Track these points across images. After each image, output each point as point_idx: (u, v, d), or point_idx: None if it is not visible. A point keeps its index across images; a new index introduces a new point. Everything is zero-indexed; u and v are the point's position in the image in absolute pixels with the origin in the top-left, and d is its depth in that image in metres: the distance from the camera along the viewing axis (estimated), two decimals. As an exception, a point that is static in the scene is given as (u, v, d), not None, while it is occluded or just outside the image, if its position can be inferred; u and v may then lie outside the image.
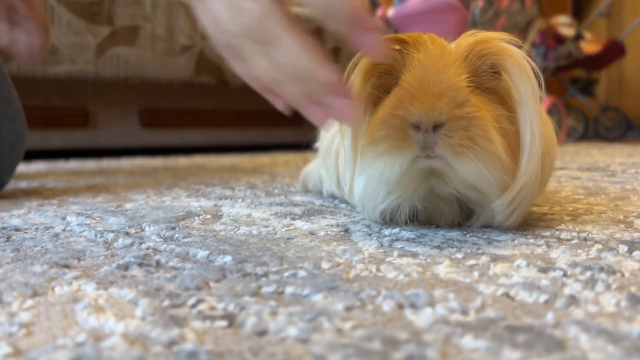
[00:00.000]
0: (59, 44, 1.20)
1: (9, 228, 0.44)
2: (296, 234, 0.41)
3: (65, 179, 0.81)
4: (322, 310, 0.25)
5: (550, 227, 0.43)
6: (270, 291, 0.28)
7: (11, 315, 0.24)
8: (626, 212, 0.50)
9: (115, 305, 0.26)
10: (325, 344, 0.21)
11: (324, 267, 0.32)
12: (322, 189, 0.60)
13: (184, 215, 0.49)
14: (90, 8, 1.24)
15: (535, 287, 0.28)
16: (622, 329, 0.22)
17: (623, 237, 0.39)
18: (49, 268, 0.32)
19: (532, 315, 0.24)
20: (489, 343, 0.21)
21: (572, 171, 0.90)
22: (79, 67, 1.23)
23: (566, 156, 1.28)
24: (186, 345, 0.21)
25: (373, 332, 0.22)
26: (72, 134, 1.29)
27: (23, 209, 0.53)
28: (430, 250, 0.36)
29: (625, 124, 2.52)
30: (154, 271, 0.31)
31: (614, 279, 0.29)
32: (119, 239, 0.39)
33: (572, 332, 0.22)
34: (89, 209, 0.53)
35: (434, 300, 0.26)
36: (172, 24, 1.35)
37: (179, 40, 1.37)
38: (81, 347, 0.21)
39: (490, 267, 0.32)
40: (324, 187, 0.59)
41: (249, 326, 0.23)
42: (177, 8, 1.36)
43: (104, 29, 1.26)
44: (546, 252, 0.35)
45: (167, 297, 0.27)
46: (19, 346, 0.21)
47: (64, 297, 0.27)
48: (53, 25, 1.19)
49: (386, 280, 0.29)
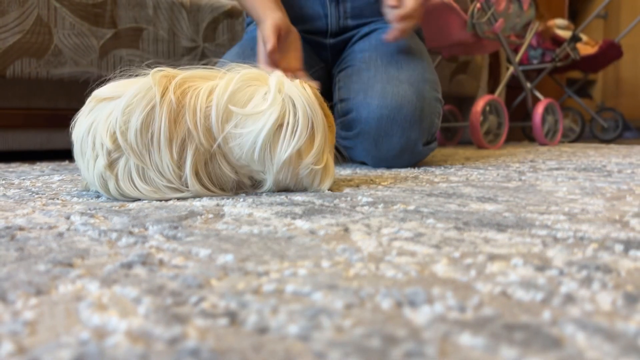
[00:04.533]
0: (62, 46, 1.21)
1: (14, 227, 0.44)
2: (296, 233, 0.42)
3: (69, 179, 0.81)
4: (322, 308, 0.25)
5: (546, 226, 0.43)
6: (271, 289, 0.28)
7: (15, 314, 0.25)
8: (622, 212, 0.50)
9: (118, 303, 0.26)
10: (325, 342, 0.21)
11: (324, 265, 0.32)
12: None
13: (187, 214, 0.49)
14: (93, 10, 1.24)
15: (532, 286, 0.28)
16: (618, 327, 0.23)
17: (619, 236, 0.39)
18: (52, 267, 0.32)
19: (529, 314, 0.24)
20: (486, 341, 0.21)
21: (568, 171, 0.90)
22: (82, 68, 1.24)
23: (563, 156, 1.28)
24: (188, 343, 0.21)
25: (372, 330, 0.23)
26: (74, 135, 1.30)
27: (27, 209, 0.53)
28: (429, 249, 0.36)
29: (621, 125, 2.52)
30: (156, 270, 0.32)
31: (610, 277, 0.30)
32: (122, 238, 0.40)
33: (568, 331, 0.22)
34: (92, 208, 0.53)
35: (432, 299, 0.26)
36: (174, 26, 1.36)
37: (181, 42, 1.37)
38: (85, 345, 0.21)
39: (488, 266, 0.32)
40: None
41: (250, 324, 0.23)
42: (179, 11, 1.36)
43: (107, 31, 1.27)
44: (543, 251, 0.36)
45: (169, 295, 0.27)
46: (23, 344, 0.21)
47: (68, 296, 0.27)
48: (56, 27, 1.20)
49: (385, 278, 0.30)
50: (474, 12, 1.56)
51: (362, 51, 1.05)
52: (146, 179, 0.59)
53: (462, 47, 1.71)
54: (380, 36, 1.04)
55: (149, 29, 1.32)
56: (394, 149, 0.96)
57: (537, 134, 1.90)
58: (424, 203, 0.56)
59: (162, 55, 1.34)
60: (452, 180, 0.78)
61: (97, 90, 0.63)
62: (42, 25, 1.18)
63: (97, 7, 1.25)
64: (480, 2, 1.56)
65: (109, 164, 0.58)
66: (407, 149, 0.96)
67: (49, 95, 1.27)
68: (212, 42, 1.41)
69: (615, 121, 2.54)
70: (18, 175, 0.86)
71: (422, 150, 1.00)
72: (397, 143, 0.95)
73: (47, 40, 1.19)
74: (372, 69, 1.00)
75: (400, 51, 1.03)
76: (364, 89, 0.98)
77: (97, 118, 0.59)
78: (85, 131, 0.59)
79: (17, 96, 1.23)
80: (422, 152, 1.00)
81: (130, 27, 1.30)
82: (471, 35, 1.59)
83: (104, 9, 1.26)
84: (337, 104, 1.03)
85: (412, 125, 0.95)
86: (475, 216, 0.48)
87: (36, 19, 1.17)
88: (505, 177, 0.82)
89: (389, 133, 0.95)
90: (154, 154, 0.58)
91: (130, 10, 1.29)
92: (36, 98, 1.26)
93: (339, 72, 1.08)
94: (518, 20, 1.73)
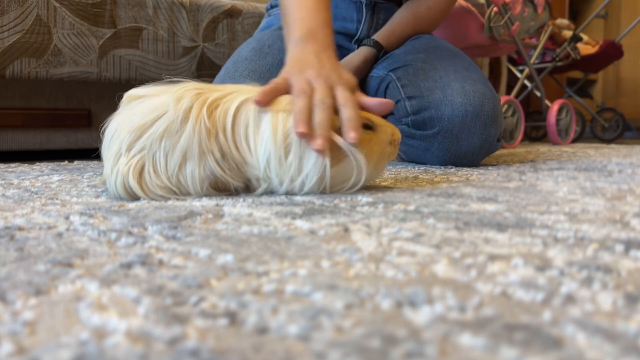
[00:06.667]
0: (62, 46, 1.21)
1: (13, 227, 0.44)
2: (296, 233, 0.42)
3: (68, 179, 0.81)
4: (322, 309, 0.25)
5: (547, 226, 0.43)
6: (271, 289, 0.28)
7: (15, 314, 0.25)
8: (623, 212, 0.50)
9: (118, 303, 0.26)
10: (325, 342, 0.21)
11: (324, 265, 0.32)
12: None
13: (186, 214, 0.49)
14: (92, 10, 1.24)
15: (532, 286, 0.28)
16: (618, 327, 0.23)
17: (619, 236, 0.39)
18: (52, 267, 0.32)
19: (529, 314, 0.24)
20: (486, 341, 0.21)
21: (569, 171, 0.90)
22: (82, 68, 1.24)
23: (563, 156, 1.28)
24: (188, 343, 0.21)
25: (372, 330, 0.23)
26: (75, 135, 1.30)
27: (26, 209, 0.53)
28: (429, 249, 0.36)
29: (622, 125, 2.53)
30: (156, 270, 0.32)
31: (611, 278, 0.30)
32: (121, 238, 0.40)
33: (569, 331, 0.22)
34: (92, 208, 0.53)
35: (432, 299, 0.26)
36: (174, 26, 1.36)
37: (180, 42, 1.37)
38: (84, 345, 0.21)
39: (488, 266, 0.32)
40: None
41: (250, 324, 0.23)
42: (179, 10, 1.36)
43: (107, 31, 1.26)
44: (543, 251, 0.35)
45: (169, 295, 0.27)
46: (22, 344, 0.21)
47: (67, 296, 0.27)
48: (56, 27, 1.20)
49: (385, 278, 0.30)
50: (491, 15, 1.59)
51: (409, 53, 1.07)
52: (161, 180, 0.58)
53: (479, 49, 1.75)
54: (419, 41, 1.10)
55: (149, 28, 1.32)
56: (475, 145, 0.97)
57: (551, 134, 1.94)
58: (424, 203, 0.56)
59: (161, 55, 1.34)
60: (452, 180, 0.78)
61: (132, 90, 0.63)
62: (42, 25, 1.18)
63: (96, 6, 1.25)
64: (497, 6, 1.59)
65: (129, 163, 0.58)
66: (485, 145, 0.98)
67: (48, 95, 1.27)
68: (212, 42, 1.41)
69: (616, 121, 2.55)
70: (17, 175, 0.86)
71: (496, 146, 1.02)
72: (478, 139, 0.97)
73: (47, 40, 1.19)
74: (439, 68, 1.01)
75: (451, 50, 1.06)
76: (440, 86, 0.98)
77: (125, 115, 0.60)
78: (113, 128, 0.60)
79: (17, 96, 1.23)
80: (496, 148, 1.03)
81: (130, 27, 1.30)
82: (487, 38, 1.63)
83: (104, 9, 1.26)
84: (404, 102, 1.02)
85: (492, 121, 0.97)
86: (475, 216, 0.48)
87: (35, 18, 1.17)
88: (506, 177, 0.81)
89: (472, 130, 0.96)
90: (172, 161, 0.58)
91: (129, 10, 1.29)
92: (36, 98, 1.26)
93: (392, 71, 1.07)
94: (532, 23, 1.76)
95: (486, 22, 1.60)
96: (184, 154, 0.58)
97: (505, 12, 1.61)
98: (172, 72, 1.36)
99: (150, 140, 0.58)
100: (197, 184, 0.59)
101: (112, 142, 0.60)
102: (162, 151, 0.58)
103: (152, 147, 0.58)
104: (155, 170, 0.58)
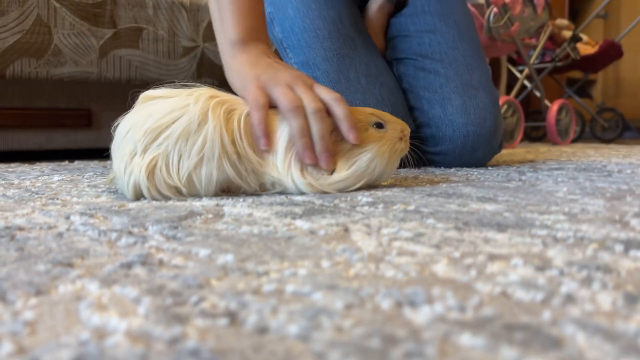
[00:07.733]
0: (62, 46, 1.21)
1: (13, 227, 0.44)
2: (296, 233, 0.42)
3: (69, 179, 0.81)
4: (322, 309, 0.25)
5: (546, 226, 0.43)
6: (271, 289, 0.28)
7: (15, 314, 0.25)
8: (622, 212, 0.50)
9: (118, 303, 0.26)
10: (325, 342, 0.21)
11: (324, 265, 0.32)
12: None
13: (187, 214, 0.49)
14: (93, 10, 1.24)
15: (532, 286, 0.28)
16: (618, 327, 0.23)
17: (619, 236, 0.39)
18: (52, 267, 0.32)
19: (529, 314, 0.24)
20: (486, 341, 0.21)
21: (569, 171, 0.90)
22: (82, 68, 1.24)
23: (563, 156, 1.28)
24: (188, 343, 0.21)
25: (372, 330, 0.23)
26: (75, 135, 1.30)
27: (27, 209, 0.53)
28: (429, 249, 0.36)
29: (622, 125, 2.53)
30: (156, 270, 0.32)
31: (610, 278, 0.30)
32: (122, 238, 0.40)
33: (568, 331, 0.22)
34: (92, 208, 0.53)
35: (432, 299, 0.26)
36: (174, 26, 1.36)
37: (180, 42, 1.37)
38: (84, 345, 0.21)
39: (488, 266, 0.32)
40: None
41: (250, 324, 0.23)
42: (179, 10, 1.36)
43: (107, 31, 1.27)
44: (543, 251, 0.35)
45: (169, 295, 0.27)
46: (22, 344, 0.21)
47: (68, 296, 0.27)
48: (56, 27, 1.20)
49: (385, 278, 0.30)
50: (491, 16, 1.59)
51: (416, 33, 1.02)
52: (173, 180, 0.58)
53: None
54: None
55: (149, 28, 1.32)
56: (478, 157, 0.98)
57: (551, 134, 1.94)
58: (424, 203, 0.56)
59: (162, 55, 1.34)
60: (452, 180, 0.78)
61: (149, 90, 0.63)
62: (42, 25, 1.18)
63: (96, 7, 1.25)
64: (497, 7, 1.59)
65: (142, 162, 0.58)
66: (488, 156, 1.00)
67: (48, 95, 1.27)
68: (212, 42, 1.41)
69: (616, 121, 2.55)
70: (18, 175, 0.86)
71: (497, 151, 1.03)
72: (481, 153, 0.97)
73: (47, 40, 1.19)
74: (440, 72, 0.98)
75: (457, 23, 1.02)
76: (439, 100, 0.97)
77: (140, 116, 0.60)
78: (127, 127, 0.60)
79: (17, 96, 1.23)
80: (497, 152, 1.03)
81: (130, 27, 1.30)
82: (487, 38, 1.63)
83: (104, 9, 1.26)
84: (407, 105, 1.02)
85: (494, 134, 0.98)
86: (475, 216, 0.48)
87: (36, 18, 1.17)
88: (505, 177, 0.82)
89: (475, 147, 0.96)
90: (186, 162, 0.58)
91: (130, 10, 1.29)
92: (36, 98, 1.26)
93: (394, 62, 1.04)
94: (532, 24, 1.76)
95: (486, 23, 1.60)
96: (201, 155, 0.58)
97: (505, 12, 1.61)
98: (172, 72, 1.36)
99: (167, 141, 0.57)
100: (212, 185, 0.59)
101: (125, 142, 0.59)
102: (177, 151, 0.57)
103: (167, 148, 0.57)
104: (168, 169, 0.58)
